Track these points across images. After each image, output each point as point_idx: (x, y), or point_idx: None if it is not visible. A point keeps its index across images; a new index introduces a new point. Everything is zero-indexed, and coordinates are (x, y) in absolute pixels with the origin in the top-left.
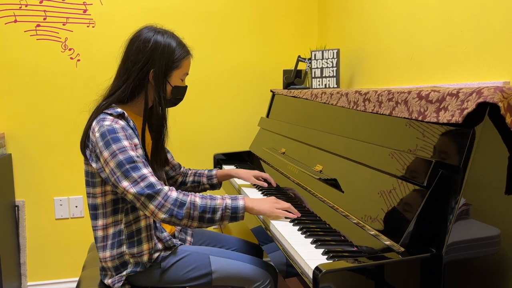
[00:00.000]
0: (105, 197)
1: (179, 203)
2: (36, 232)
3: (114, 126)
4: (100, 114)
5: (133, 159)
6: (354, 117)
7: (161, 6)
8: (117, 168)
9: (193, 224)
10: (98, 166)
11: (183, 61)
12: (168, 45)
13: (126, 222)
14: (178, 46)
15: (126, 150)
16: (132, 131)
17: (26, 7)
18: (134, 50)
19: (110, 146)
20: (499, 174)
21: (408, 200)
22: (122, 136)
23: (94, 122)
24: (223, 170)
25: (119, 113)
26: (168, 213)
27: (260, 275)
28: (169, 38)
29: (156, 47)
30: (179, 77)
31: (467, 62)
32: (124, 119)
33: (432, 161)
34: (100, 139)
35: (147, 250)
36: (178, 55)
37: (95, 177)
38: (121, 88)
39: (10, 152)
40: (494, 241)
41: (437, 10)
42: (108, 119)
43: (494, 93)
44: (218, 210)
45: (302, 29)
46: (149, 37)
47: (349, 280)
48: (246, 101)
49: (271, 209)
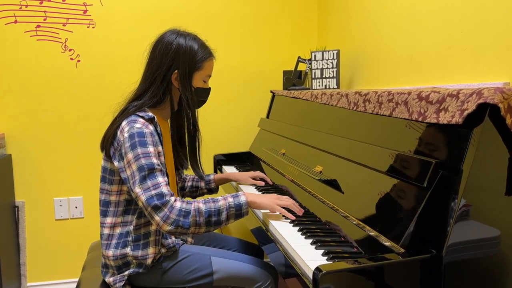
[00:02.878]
0: (119, 196)
1: (184, 212)
2: (36, 233)
3: (144, 130)
4: (131, 115)
5: (153, 166)
6: (354, 118)
7: (162, 7)
8: (137, 172)
9: (200, 230)
10: (120, 165)
11: (205, 62)
12: (190, 47)
13: (136, 225)
14: (200, 48)
15: (149, 156)
16: (158, 138)
17: (26, 7)
18: (157, 53)
19: (135, 148)
20: (499, 175)
21: (408, 201)
22: (150, 141)
23: (125, 122)
24: (220, 174)
25: (150, 117)
26: (174, 224)
27: (261, 276)
28: (191, 40)
29: (178, 49)
30: (202, 78)
31: (467, 63)
32: (153, 124)
33: (432, 162)
34: (128, 140)
35: (152, 254)
36: (201, 56)
37: (113, 175)
38: (148, 92)
39: (10, 152)
40: (494, 242)
41: (437, 11)
42: (139, 122)
43: (494, 94)
44: (223, 211)
45: (302, 30)
46: (171, 40)
47: (349, 281)
48: (246, 102)
49: (272, 205)
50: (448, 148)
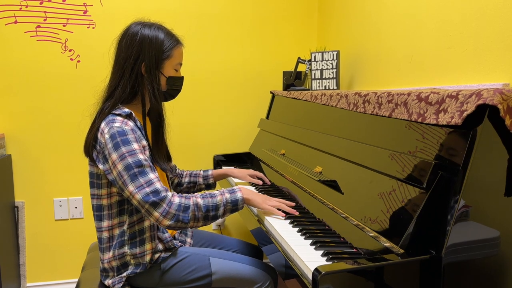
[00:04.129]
0: (110, 199)
1: (183, 207)
2: (35, 233)
3: (124, 128)
4: (108, 115)
5: (141, 163)
6: (354, 119)
7: (162, 7)
8: (125, 171)
9: (198, 224)
10: (106, 167)
11: (174, 50)
12: (155, 36)
13: (129, 223)
14: (166, 36)
15: (135, 153)
16: (140, 132)
17: (26, 8)
18: (123, 46)
19: (119, 148)
20: (498, 175)
21: (408, 202)
22: (132, 138)
23: (103, 123)
24: (218, 170)
25: (127, 113)
26: (174, 219)
27: (260, 277)
28: (156, 30)
29: (144, 39)
30: (172, 67)
31: (467, 64)
32: (132, 120)
33: (431, 163)
34: (110, 141)
35: (149, 250)
36: (168, 45)
37: (101, 179)
38: (118, 87)
39: (10, 153)
40: (494, 243)
41: (437, 12)
42: (117, 120)
43: (494, 95)
44: (220, 206)
45: (302, 31)
46: (136, 31)
47: (348, 282)
48: (246, 103)
49: (262, 203)
50: (447, 149)
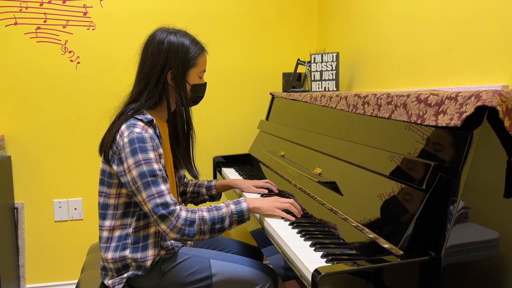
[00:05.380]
0: (118, 199)
1: (189, 222)
2: (35, 235)
3: (144, 135)
4: (130, 119)
5: (155, 173)
6: (353, 120)
7: (161, 8)
8: (139, 178)
9: (205, 237)
10: (120, 169)
11: (199, 58)
12: (182, 44)
13: (135, 227)
14: (192, 44)
15: (150, 162)
16: (158, 140)
17: (26, 9)
18: (149, 53)
19: (136, 154)
20: (497, 177)
21: (407, 203)
22: (150, 146)
23: (124, 126)
24: (222, 181)
25: (149, 119)
26: (180, 233)
27: (260, 278)
28: (182, 37)
29: (170, 47)
30: (197, 74)
31: (466, 65)
32: (153, 127)
33: (431, 164)
34: (128, 145)
35: (151, 256)
36: (193, 53)
37: (112, 178)
38: (143, 94)
39: (9, 154)
40: (493, 244)
41: (437, 13)
42: (138, 126)
43: (493, 96)
44: (226, 218)
45: (301, 32)
46: (162, 39)
47: (348, 283)
48: (246, 104)
49: (272, 209)
50: (446, 150)
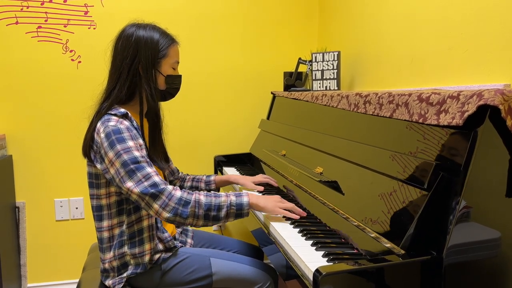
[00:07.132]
0: (109, 199)
1: (183, 201)
2: (36, 234)
3: (119, 126)
4: (104, 116)
5: (137, 159)
6: (355, 119)
7: (162, 8)
8: (122, 168)
9: (198, 223)
10: (103, 167)
11: (169, 49)
12: (151, 36)
13: (128, 223)
14: (161, 36)
15: (130, 150)
16: (136, 131)
17: (27, 8)
18: (119, 48)
19: (115, 146)
20: (499, 176)
21: (409, 203)
22: (127, 136)
23: (99, 123)
24: (221, 176)
25: (123, 113)
26: (172, 212)
27: (261, 277)
28: (150, 30)
29: (139, 40)
30: (170, 65)
31: (468, 64)
32: (128, 119)
33: (433, 164)
34: (105, 139)
35: (148, 250)
36: (163, 44)
37: (99, 179)
38: (116, 88)
39: (10, 153)
40: (495, 243)
41: (438, 13)
42: (112, 120)
43: (495, 95)
44: (223, 207)
45: (303, 31)
46: (131, 32)
47: (349, 283)
48: (247, 103)
49: (274, 208)
50: (448, 149)
